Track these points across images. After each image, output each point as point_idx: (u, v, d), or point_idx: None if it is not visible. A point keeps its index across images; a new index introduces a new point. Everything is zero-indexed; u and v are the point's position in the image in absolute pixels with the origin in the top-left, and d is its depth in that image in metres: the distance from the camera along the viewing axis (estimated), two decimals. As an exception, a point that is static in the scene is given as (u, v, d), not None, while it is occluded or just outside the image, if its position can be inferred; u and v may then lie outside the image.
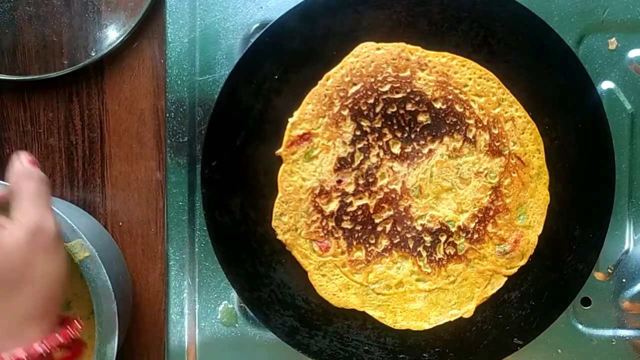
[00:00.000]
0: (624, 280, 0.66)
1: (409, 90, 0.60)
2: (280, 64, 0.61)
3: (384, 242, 0.61)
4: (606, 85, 0.65)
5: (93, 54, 0.67)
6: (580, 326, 0.66)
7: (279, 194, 0.61)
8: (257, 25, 0.65)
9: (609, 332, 0.66)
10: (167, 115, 0.66)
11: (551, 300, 0.63)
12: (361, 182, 0.61)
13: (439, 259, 0.61)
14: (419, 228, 0.61)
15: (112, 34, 0.67)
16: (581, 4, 0.64)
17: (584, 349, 0.66)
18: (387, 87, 0.60)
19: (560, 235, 0.62)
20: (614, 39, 0.64)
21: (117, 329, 0.60)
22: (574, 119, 0.62)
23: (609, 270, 0.66)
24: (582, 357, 0.66)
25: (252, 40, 0.61)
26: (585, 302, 0.66)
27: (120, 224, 0.70)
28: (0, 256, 0.47)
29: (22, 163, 0.51)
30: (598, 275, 0.66)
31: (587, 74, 0.61)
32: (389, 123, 0.60)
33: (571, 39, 0.64)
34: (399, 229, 0.61)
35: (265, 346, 0.67)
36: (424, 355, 0.63)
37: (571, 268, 0.62)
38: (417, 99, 0.60)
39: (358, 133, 0.60)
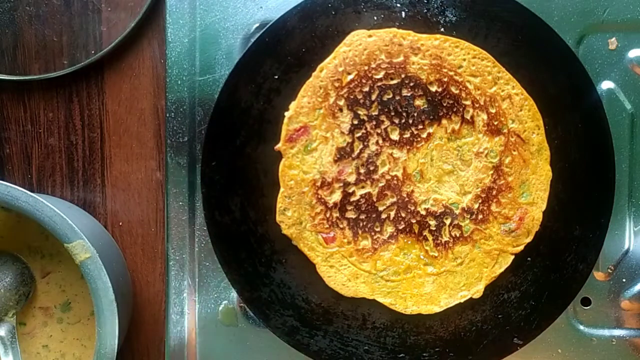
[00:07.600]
0: (624, 280, 0.66)
1: (403, 76, 0.60)
2: (280, 64, 0.61)
3: (389, 229, 0.61)
4: (606, 85, 0.64)
5: (93, 54, 0.67)
6: (580, 326, 0.66)
7: (281, 189, 0.61)
8: (257, 25, 0.65)
9: (609, 332, 0.66)
10: (167, 115, 0.66)
11: (551, 300, 0.63)
12: (362, 171, 0.61)
13: (445, 241, 0.61)
14: (423, 212, 0.61)
15: (112, 34, 0.67)
16: (581, 4, 0.64)
17: (584, 349, 0.66)
18: (381, 74, 0.60)
19: (560, 235, 0.62)
20: (614, 39, 0.64)
21: (117, 329, 0.59)
22: (574, 119, 0.62)
23: (609, 270, 0.66)
24: (582, 357, 0.66)
25: (252, 40, 0.61)
26: (585, 302, 0.66)
27: (121, 224, 0.70)
28: None
29: None
30: (598, 275, 0.66)
31: (587, 74, 0.61)
32: (386, 110, 0.60)
33: (571, 39, 0.64)
34: (403, 214, 0.61)
35: (265, 346, 0.67)
36: (424, 355, 0.63)
37: (571, 268, 0.62)
38: (412, 83, 0.60)
39: (355, 122, 0.60)
